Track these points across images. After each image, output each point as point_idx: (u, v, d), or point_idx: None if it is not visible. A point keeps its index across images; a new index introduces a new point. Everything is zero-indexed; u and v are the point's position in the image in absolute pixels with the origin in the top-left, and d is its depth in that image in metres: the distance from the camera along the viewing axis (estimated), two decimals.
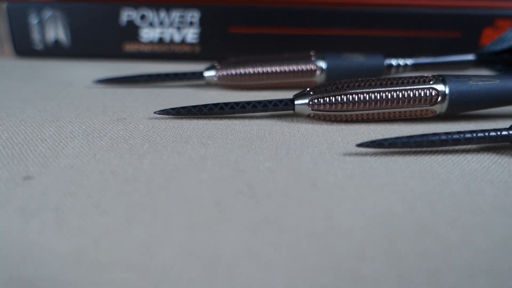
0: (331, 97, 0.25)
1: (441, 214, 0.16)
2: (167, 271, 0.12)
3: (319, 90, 0.25)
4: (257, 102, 0.25)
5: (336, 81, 0.25)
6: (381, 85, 0.25)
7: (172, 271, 0.12)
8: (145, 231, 0.14)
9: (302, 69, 0.31)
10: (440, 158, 0.21)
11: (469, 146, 0.22)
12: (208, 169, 0.19)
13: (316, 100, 0.25)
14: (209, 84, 0.32)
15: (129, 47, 0.42)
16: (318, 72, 0.31)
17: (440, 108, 0.25)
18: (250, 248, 0.13)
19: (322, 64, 0.31)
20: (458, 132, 0.21)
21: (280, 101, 0.25)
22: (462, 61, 0.33)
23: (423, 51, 0.41)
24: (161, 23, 0.41)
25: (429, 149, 0.22)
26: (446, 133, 0.21)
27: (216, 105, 0.25)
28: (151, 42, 0.42)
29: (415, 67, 0.32)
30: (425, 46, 0.41)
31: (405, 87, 0.25)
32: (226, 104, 0.25)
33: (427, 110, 0.25)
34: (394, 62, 0.32)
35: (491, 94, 0.25)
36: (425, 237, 0.14)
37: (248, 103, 0.25)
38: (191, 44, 0.42)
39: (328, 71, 0.31)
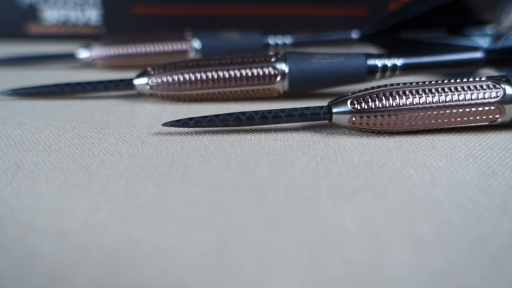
0: (168, 77, 0.24)
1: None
2: None
3: (158, 69, 0.25)
4: (87, 83, 0.25)
5: (177, 61, 0.25)
6: (220, 64, 0.24)
7: None
8: None
9: (175, 49, 0.31)
10: (248, 136, 0.21)
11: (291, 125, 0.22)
12: None
13: (154, 80, 0.24)
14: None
15: (35, 29, 0.42)
16: (192, 53, 0.31)
17: (282, 86, 0.25)
18: None
19: (196, 43, 0.31)
20: (268, 111, 0.21)
21: (122, 81, 0.25)
22: (344, 39, 0.33)
23: (332, 30, 0.40)
24: (64, 4, 0.40)
25: (244, 127, 0.21)
26: (255, 112, 0.21)
27: None
28: (56, 24, 0.41)
29: (294, 45, 0.32)
30: (333, 24, 0.40)
31: (244, 66, 0.24)
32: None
33: (269, 88, 0.25)
34: (272, 40, 0.32)
35: (334, 73, 0.25)
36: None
37: (99, 83, 0.25)
38: (96, 26, 0.41)
39: (202, 51, 0.31)
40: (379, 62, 0.25)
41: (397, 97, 0.20)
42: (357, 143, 0.20)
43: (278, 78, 0.24)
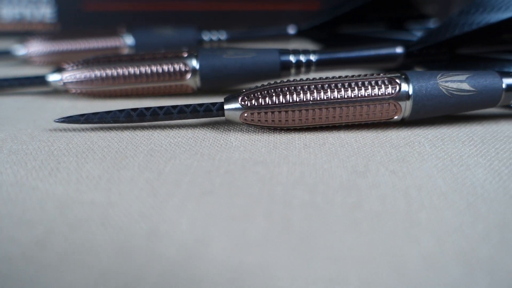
0: (80, 73, 0.24)
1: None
2: None
3: (72, 66, 0.25)
4: (3, 80, 0.25)
5: (90, 57, 0.25)
6: (131, 61, 0.24)
7: None
8: None
9: (108, 46, 0.31)
10: (141, 133, 0.21)
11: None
12: None
13: (68, 76, 0.24)
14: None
15: None
16: (125, 49, 0.31)
17: (195, 83, 0.25)
18: None
19: (129, 39, 0.31)
20: (160, 107, 0.21)
21: (37, 77, 0.25)
22: (280, 35, 0.32)
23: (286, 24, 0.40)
24: (19, 2, 0.41)
25: (134, 124, 0.21)
26: (147, 108, 0.21)
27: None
28: (11, 22, 0.42)
29: (229, 41, 0.32)
30: (285, 18, 0.40)
31: (155, 62, 0.24)
32: None
33: (181, 85, 0.25)
34: (206, 36, 0.32)
35: (246, 68, 0.24)
36: None
37: (15, 80, 0.25)
38: (51, 23, 0.41)
39: (136, 47, 0.31)
40: (293, 58, 0.25)
41: (287, 93, 0.20)
42: (247, 140, 0.20)
43: (189, 75, 0.24)
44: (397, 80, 0.20)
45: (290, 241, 0.13)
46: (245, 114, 0.20)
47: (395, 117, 0.21)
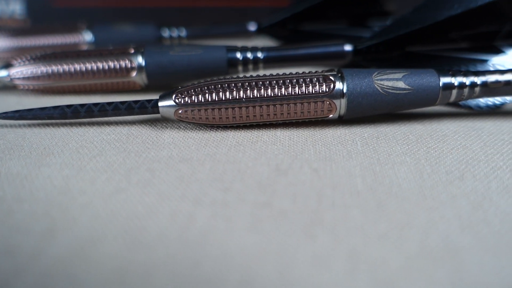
0: (27, 69, 0.24)
1: None
2: None
3: (20, 61, 0.25)
4: None
5: (38, 54, 0.25)
6: (77, 57, 0.24)
7: None
8: None
9: (67, 42, 0.31)
10: (76, 130, 0.20)
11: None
12: None
13: (15, 72, 0.24)
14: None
15: None
16: (84, 46, 0.31)
17: (141, 79, 0.25)
18: None
19: (88, 36, 0.31)
20: (95, 104, 0.20)
21: None
22: (241, 32, 0.32)
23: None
24: None
25: (70, 120, 0.21)
26: (82, 105, 0.21)
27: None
28: None
29: (189, 38, 0.32)
30: (255, 15, 0.39)
31: (100, 59, 0.24)
32: None
33: (128, 81, 0.25)
34: (166, 33, 0.32)
35: (193, 65, 0.24)
36: None
37: None
38: (21, 19, 0.42)
39: (95, 44, 0.31)
40: (240, 55, 0.25)
41: (220, 91, 0.20)
42: (180, 137, 0.20)
43: (135, 71, 0.24)
44: (332, 78, 0.20)
45: (188, 239, 0.13)
46: (180, 111, 0.20)
47: (331, 115, 0.21)
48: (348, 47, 0.25)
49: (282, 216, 0.14)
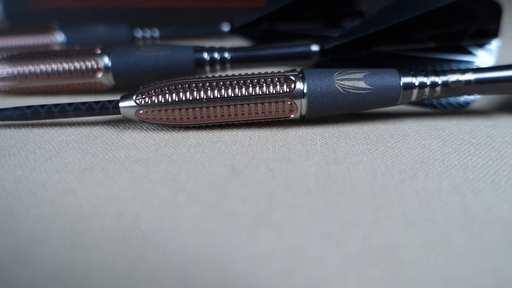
0: (10, 69, 0.24)
1: None
2: None
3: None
4: None
5: (5, 55, 0.25)
6: (43, 58, 0.24)
7: None
8: None
9: (39, 43, 0.31)
10: (39, 131, 0.20)
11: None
12: None
13: None
14: None
15: None
16: (56, 46, 0.31)
17: (108, 80, 0.25)
18: None
19: (60, 37, 0.31)
20: (56, 105, 0.20)
21: None
22: (215, 32, 0.32)
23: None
24: None
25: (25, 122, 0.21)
26: (42, 106, 0.20)
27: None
28: None
29: (162, 38, 0.32)
30: (232, 16, 0.39)
31: (66, 60, 0.24)
32: None
33: (95, 82, 0.25)
34: (139, 33, 0.32)
35: (160, 65, 0.24)
36: None
37: None
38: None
39: (68, 44, 0.31)
40: (207, 55, 0.25)
41: (181, 91, 0.20)
42: (141, 138, 0.20)
43: (101, 72, 0.24)
44: (293, 78, 0.20)
45: (131, 239, 0.13)
46: (140, 112, 0.20)
47: (292, 115, 0.21)
48: (315, 47, 0.25)
49: (229, 216, 0.14)
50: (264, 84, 0.20)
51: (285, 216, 0.14)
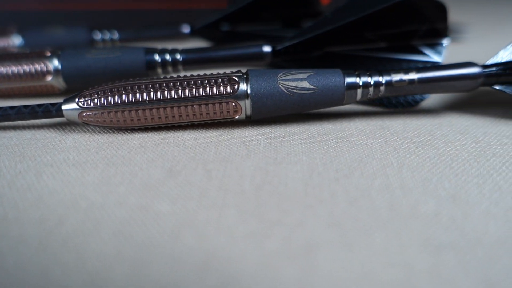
0: None
1: None
2: None
3: None
4: None
5: None
6: None
7: None
8: None
9: None
10: None
11: None
12: None
13: None
14: None
15: None
16: (14, 49, 0.31)
17: (58, 83, 0.24)
18: None
19: (18, 40, 0.30)
20: None
21: None
22: (175, 34, 0.32)
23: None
24: None
25: None
26: None
27: None
28: None
29: (122, 40, 0.31)
30: (195, 17, 0.39)
31: (15, 63, 0.24)
32: None
33: (45, 85, 0.24)
34: (98, 36, 0.31)
35: (111, 67, 0.24)
36: None
37: None
38: None
39: (25, 47, 0.31)
40: (158, 57, 0.24)
41: (123, 93, 0.20)
42: (84, 141, 0.20)
43: (50, 75, 0.24)
44: (236, 79, 0.20)
45: (48, 245, 0.13)
46: (83, 114, 0.20)
47: (237, 116, 0.21)
48: (267, 48, 0.25)
49: (154, 218, 0.14)
50: (207, 85, 0.20)
51: (211, 217, 0.14)
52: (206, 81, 0.20)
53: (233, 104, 0.20)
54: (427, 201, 0.15)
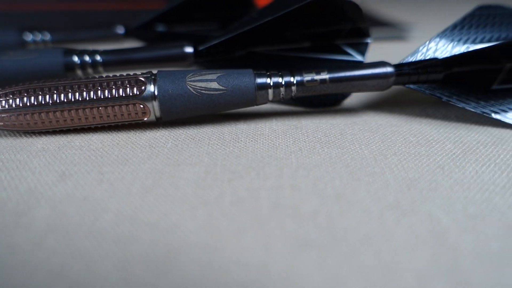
0: None
1: None
2: None
3: None
4: None
5: None
6: None
7: None
8: None
9: None
10: None
11: None
12: None
13: None
14: None
15: None
16: None
17: None
18: None
19: None
20: None
21: None
22: (109, 35, 0.32)
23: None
24: None
25: None
26: None
27: None
28: None
29: (54, 42, 0.31)
30: (135, 18, 0.39)
31: None
32: None
33: None
34: (29, 37, 0.31)
35: (28, 70, 0.23)
36: None
37: None
38: None
39: None
40: (77, 59, 0.24)
41: (25, 96, 0.19)
42: (5, 145, 0.19)
43: None
44: (143, 80, 0.20)
45: None
46: None
47: (146, 118, 0.20)
48: (188, 49, 0.25)
49: (19, 225, 0.14)
50: (114, 87, 0.20)
51: (86, 221, 0.14)
52: (113, 82, 0.20)
53: (141, 106, 0.20)
54: (311, 200, 0.15)
